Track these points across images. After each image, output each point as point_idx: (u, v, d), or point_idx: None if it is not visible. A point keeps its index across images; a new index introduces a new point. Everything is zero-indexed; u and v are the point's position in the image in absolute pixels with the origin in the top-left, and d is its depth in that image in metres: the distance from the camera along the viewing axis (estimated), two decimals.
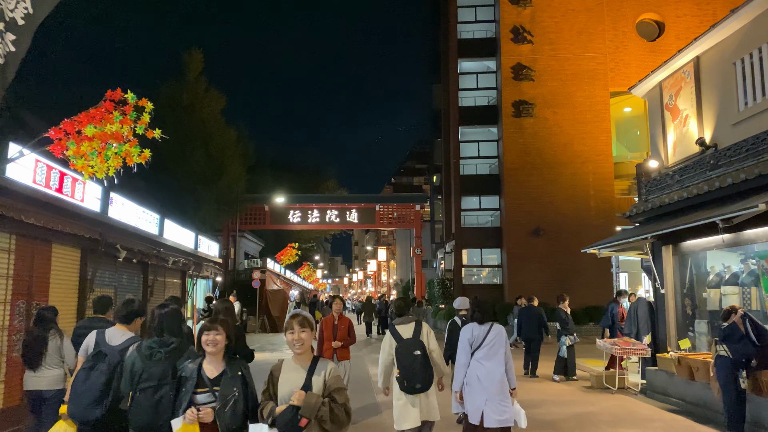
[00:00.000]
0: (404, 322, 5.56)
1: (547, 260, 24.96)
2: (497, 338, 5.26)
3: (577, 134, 25.77)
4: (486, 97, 28.50)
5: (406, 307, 5.98)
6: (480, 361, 5.18)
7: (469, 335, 5.34)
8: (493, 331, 5.30)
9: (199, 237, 14.53)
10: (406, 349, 5.31)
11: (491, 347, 5.19)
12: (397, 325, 5.54)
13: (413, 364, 5.23)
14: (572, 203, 25.41)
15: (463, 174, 27.86)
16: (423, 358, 5.26)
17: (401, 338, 5.39)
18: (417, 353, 5.26)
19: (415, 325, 5.50)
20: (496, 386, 5.08)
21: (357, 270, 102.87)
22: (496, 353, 5.19)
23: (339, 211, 30.61)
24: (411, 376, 5.21)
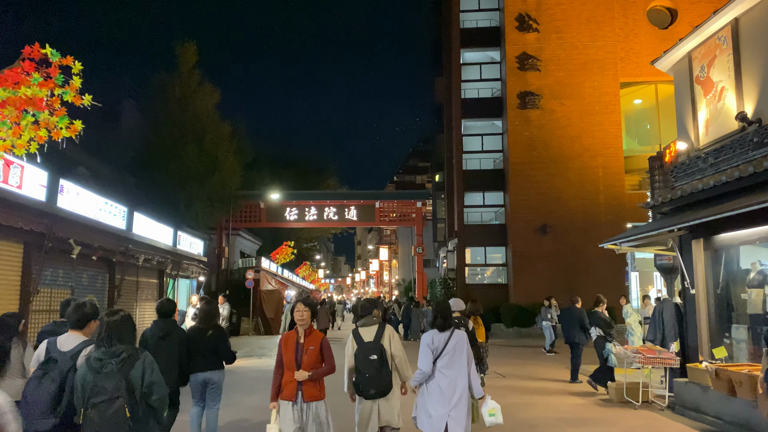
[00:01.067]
0: (367, 324, 5.35)
1: (554, 259, 23.78)
2: (458, 345, 5.00)
3: (585, 126, 24.56)
4: (490, 89, 27.31)
5: (371, 307, 5.58)
6: (442, 371, 4.96)
7: (429, 343, 5.04)
8: (453, 338, 5.03)
9: (179, 233, 13.38)
10: (364, 353, 5.11)
11: (452, 355, 4.96)
12: (359, 327, 5.35)
13: (368, 369, 5.04)
14: (580, 199, 24.20)
15: (466, 169, 26.66)
16: (380, 363, 5.06)
17: (362, 341, 5.20)
18: (373, 358, 5.06)
19: (378, 327, 5.29)
20: (458, 396, 4.88)
21: (359, 270, 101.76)
22: (458, 361, 4.97)
23: (337, 208, 29.47)
24: (365, 382, 5.04)
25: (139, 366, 3.55)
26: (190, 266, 13.77)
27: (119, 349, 3.51)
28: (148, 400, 3.56)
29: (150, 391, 3.56)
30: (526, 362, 14.72)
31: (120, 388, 3.40)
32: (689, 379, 7.92)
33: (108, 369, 3.43)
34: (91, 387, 3.41)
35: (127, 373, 3.47)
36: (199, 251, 15.09)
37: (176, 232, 13.17)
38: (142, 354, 3.65)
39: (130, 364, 3.51)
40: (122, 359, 3.49)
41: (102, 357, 3.48)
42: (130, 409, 3.40)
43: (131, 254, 10.33)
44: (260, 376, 12.03)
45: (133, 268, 11.00)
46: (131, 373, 3.48)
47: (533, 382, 11.41)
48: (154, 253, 11.49)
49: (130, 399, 3.44)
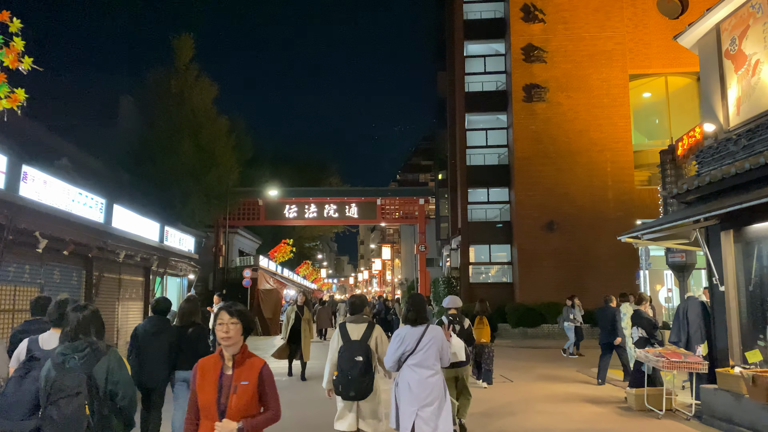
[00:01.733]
0: (356, 321, 5.17)
1: (561, 256, 22.98)
2: (432, 342, 4.77)
3: (593, 120, 23.75)
4: (494, 82, 26.50)
5: (362, 305, 5.35)
6: (412, 368, 4.73)
7: (399, 339, 4.84)
8: (428, 334, 4.79)
9: (166, 228, 12.62)
10: (349, 352, 4.94)
11: (425, 351, 4.72)
12: (348, 323, 5.18)
13: (352, 370, 4.86)
14: (588, 195, 23.40)
15: (469, 165, 25.86)
16: (364, 366, 4.89)
17: (348, 338, 5.04)
18: (359, 359, 4.88)
19: (367, 327, 5.10)
20: (429, 395, 4.66)
21: (362, 269, 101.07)
22: (430, 358, 4.74)
23: (338, 206, 28.73)
24: (347, 383, 4.86)
25: (104, 362, 3.34)
26: (179, 264, 13.03)
27: (83, 344, 3.33)
28: (115, 400, 3.36)
29: (115, 389, 3.35)
30: (536, 365, 13.93)
31: (81, 385, 3.22)
32: (719, 385, 7.14)
33: (70, 364, 3.26)
34: (52, 383, 3.23)
35: (90, 368, 3.28)
36: (190, 248, 14.34)
37: (163, 227, 12.42)
38: (109, 350, 3.43)
39: (93, 359, 3.31)
40: (85, 354, 3.29)
41: (65, 352, 3.31)
42: (91, 407, 3.22)
43: (111, 250, 9.60)
44: None
45: (113, 265, 10.26)
46: (95, 369, 3.29)
47: (544, 386, 10.62)
48: (137, 249, 10.75)
49: (92, 397, 3.25)
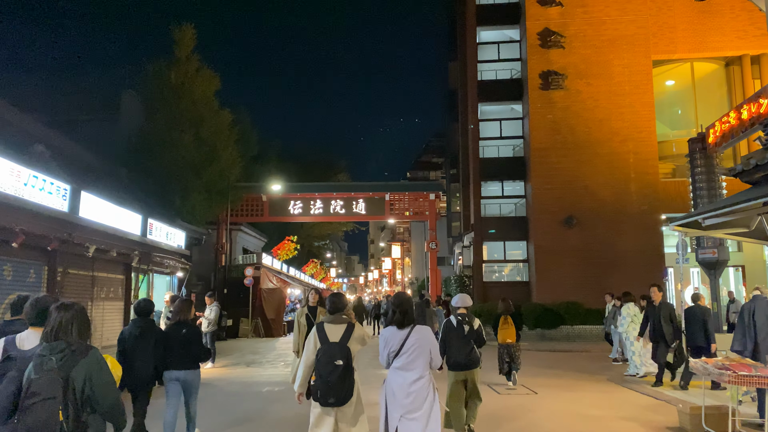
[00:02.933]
0: (335, 321, 4.83)
1: (581, 254, 21.62)
2: (418, 344, 4.57)
3: (614, 108, 22.35)
4: (509, 70, 25.17)
5: (342, 304, 4.98)
6: (397, 371, 4.56)
7: (383, 341, 4.68)
8: (413, 335, 4.59)
9: (150, 221, 11.42)
10: (328, 355, 4.62)
11: (410, 354, 4.52)
12: (326, 323, 4.83)
13: (331, 375, 4.55)
14: (610, 188, 22.01)
15: (483, 157, 24.54)
16: (344, 370, 4.58)
17: (326, 340, 4.71)
18: (338, 363, 4.57)
19: (347, 328, 4.77)
20: (413, 401, 4.45)
21: (372, 269, 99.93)
22: (416, 361, 4.53)
23: (344, 201, 27.47)
24: (325, 389, 4.56)
25: (83, 364, 3.09)
26: (165, 260, 11.84)
27: (61, 345, 3.13)
28: (95, 406, 3.11)
29: (95, 394, 3.09)
30: (560, 372, 12.59)
31: (55, 388, 2.99)
32: None
33: (48, 366, 3.05)
34: (28, 385, 3.04)
35: (68, 371, 3.04)
36: (180, 243, 13.14)
37: (146, 219, 11.22)
38: (89, 351, 3.17)
39: (72, 361, 3.08)
40: (63, 356, 3.07)
41: (43, 353, 3.13)
42: (65, 412, 2.98)
43: (77, 243, 8.42)
44: (239, 391, 10.10)
45: (83, 260, 9.09)
46: (73, 372, 3.04)
47: (575, 399, 9.27)
48: (111, 242, 9.56)
49: (68, 401, 2.99)
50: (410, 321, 4.68)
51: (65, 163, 15.72)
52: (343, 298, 5.17)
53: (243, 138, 27.61)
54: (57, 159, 11.87)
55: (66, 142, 19.37)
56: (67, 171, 11.17)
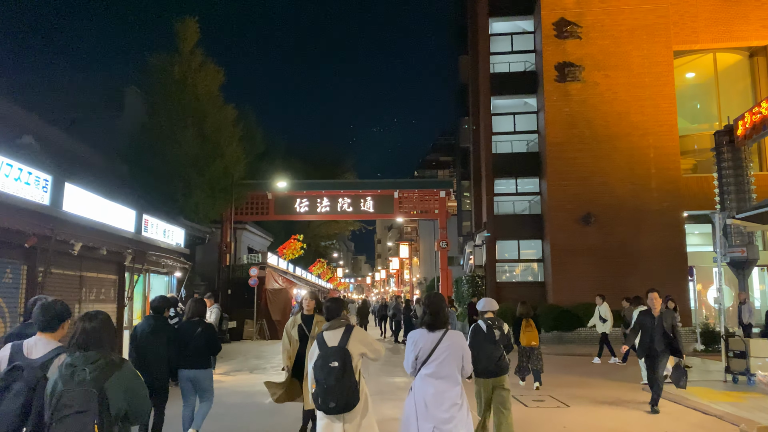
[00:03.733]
0: (332, 327, 4.62)
1: (599, 252, 20.72)
2: (451, 350, 4.15)
3: (634, 101, 21.42)
4: (522, 63, 24.25)
5: (337, 309, 4.85)
6: (427, 379, 4.11)
7: (412, 342, 4.26)
8: (445, 340, 4.17)
9: (145, 217, 10.61)
10: (323, 359, 4.34)
11: (442, 361, 4.11)
12: (324, 332, 4.59)
13: (328, 378, 4.25)
14: (629, 184, 21.08)
15: (496, 153, 23.64)
16: (341, 372, 4.26)
17: (325, 346, 4.45)
18: (334, 365, 4.28)
19: (344, 331, 4.54)
20: (448, 411, 4.02)
21: (380, 269, 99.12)
22: (447, 368, 4.12)
23: (352, 199, 26.67)
24: (324, 393, 4.23)
25: (118, 377, 2.94)
26: (163, 259, 11.04)
27: (95, 355, 2.97)
28: (131, 418, 3.01)
29: (132, 407, 2.98)
30: (588, 379, 11.72)
31: (90, 400, 2.82)
32: None
33: (80, 377, 2.88)
34: (58, 397, 2.86)
35: (102, 383, 2.88)
36: (179, 241, 12.31)
37: (140, 215, 10.39)
38: (123, 364, 3.03)
39: (106, 373, 2.92)
40: (98, 366, 2.91)
41: (75, 363, 2.95)
42: (100, 425, 2.82)
43: (61, 239, 7.62)
44: (240, 403, 9.29)
45: (68, 259, 8.29)
46: (106, 384, 2.89)
47: (613, 415, 8.35)
48: (100, 239, 8.75)
49: (102, 414, 2.83)
50: (442, 323, 4.30)
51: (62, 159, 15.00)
52: (339, 303, 4.99)
53: (248, 135, 26.95)
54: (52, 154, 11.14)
55: (64, 138, 18.77)
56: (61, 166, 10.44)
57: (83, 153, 19.98)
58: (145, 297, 11.35)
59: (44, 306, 3.59)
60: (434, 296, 4.47)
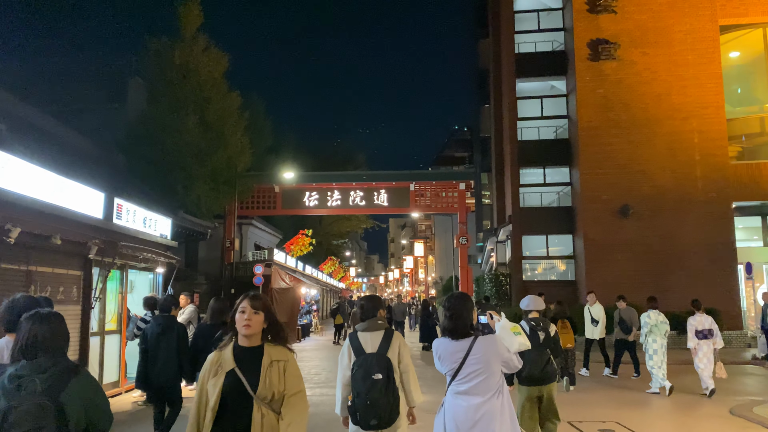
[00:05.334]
0: (370, 328, 4.12)
1: (637, 248, 18.78)
2: (485, 359, 3.55)
3: (675, 81, 19.41)
4: (550, 42, 22.33)
5: (374, 307, 4.22)
6: (459, 397, 3.54)
7: (436, 356, 3.74)
8: (476, 349, 3.56)
9: (117, 202, 8.81)
10: (365, 369, 3.83)
11: (475, 374, 3.51)
12: (359, 332, 4.13)
13: (371, 391, 3.76)
14: (671, 172, 19.08)
15: (521, 140, 21.70)
16: (386, 385, 3.79)
17: (362, 351, 3.99)
18: (378, 377, 3.78)
19: (385, 335, 4.04)
20: (487, 428, 3.43)
21: (392, 268, 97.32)
22: (484, 382, 3.52)
23: (365, 192, 24.85)
24: (365, 409, 3.77)
25: (76, 386, 2.51)
26: (141, 252, 9.27)
27: (47, 362, 2.52)
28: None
29: (94, 420, 2.56)
30: (647, 397, 9.82)
31: (46, 416, 2.37)
32: None
33: (29, 389, 2.43)
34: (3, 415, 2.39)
35: (58, 394, 2.45)
36: (164, 233, 10.52)
37: (111, 199, 8.58)
38: (80, 370, 2.60)
39: (62, 381, 2.49)
40: (51, 375, 2.48)
41: (22, 373, 2.50)
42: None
43: None
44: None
45: (11, 250, 6.50)
46: (63, 394, 2.45)
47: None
48: (52, 224, 7.00)
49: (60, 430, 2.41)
50: (468, 329, 3.67)
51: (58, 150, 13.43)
52: (377, 301, 4.34)
53: (255, 125, 25.39)
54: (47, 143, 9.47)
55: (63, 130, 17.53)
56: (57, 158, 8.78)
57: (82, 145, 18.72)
58: (122, 297, 9.62)
59: (10, 303, 3.34)
60: (457, 297, 3.79)
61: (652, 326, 10.30)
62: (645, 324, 10.46)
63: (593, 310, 12.88)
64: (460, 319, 3.65)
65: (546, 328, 5.76)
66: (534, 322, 5.76)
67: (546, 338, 5.68)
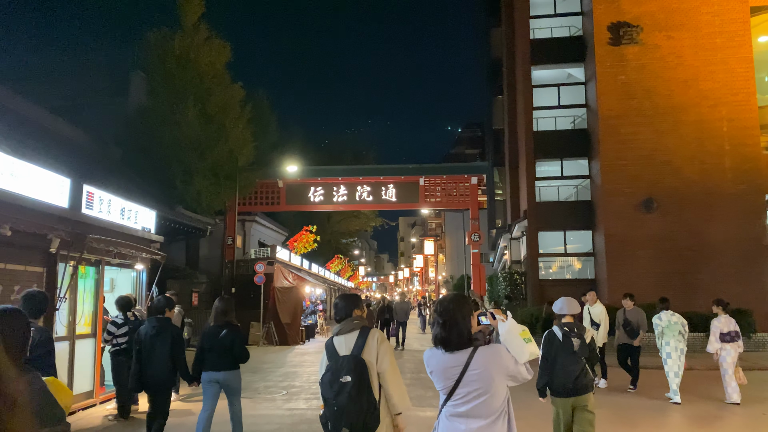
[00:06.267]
0: (344, 330, 3.56)
1: (663, 244, 17.58)
2: (485, 375, 2.88)
3: (702, 66, 18.18)
4: (567, 28, 21.14)
5: (347, 306, 3.64)
6: (457, 419, 2.90)
7: (428, 369, 3.07)
8: (475, 363, 2.89)
9: (87, 189, 7.76)
10: (333, 372, 3.38)
11: (473, 394, 2.87)
12: (335, 337, 3.57)
13: (338, 396, 3.29)
14: (699, 163, 17.86)
15: (537, 130, 20.53)
16: (357, 388, 3.28)
17: (336, 355, 3.47)
18: (346, 380, 3.31)
19: (359, 334, 3.50)
20: None
21: (402, 267, 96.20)
22: (486, 405, 2.86)
23: (372, 187, 23.81)
24: (334, 416, 3.30)
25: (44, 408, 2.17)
26: (117, 247, 8.23)
27: None
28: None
29: None
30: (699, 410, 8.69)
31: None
32: None
33: None
34: None
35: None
36: (147, 226, 9.46)
37: (79, 185, 7.54)
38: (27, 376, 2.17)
39: None
40: None
41: None
42: None
43: None
44: None
45: None
46: None
47: None
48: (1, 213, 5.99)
49: None
50: (462, 338, 2.91)
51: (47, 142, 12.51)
52: (352, 300, 3.69)
53: (259, 119, 24.37)
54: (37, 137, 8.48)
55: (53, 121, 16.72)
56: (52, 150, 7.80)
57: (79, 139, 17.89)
58: (98, 297, 8.60)
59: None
60: (451, 300, 3.06)
61: (663, 328, 9.42)
62: (656, 326, 9.58)
63: (593, 310, 10.74)
64: (455, 326, 2.94)
65: (581, 335, 5.29)
66: (567, 327, 5.29)
67: (581, 346, 5.23)
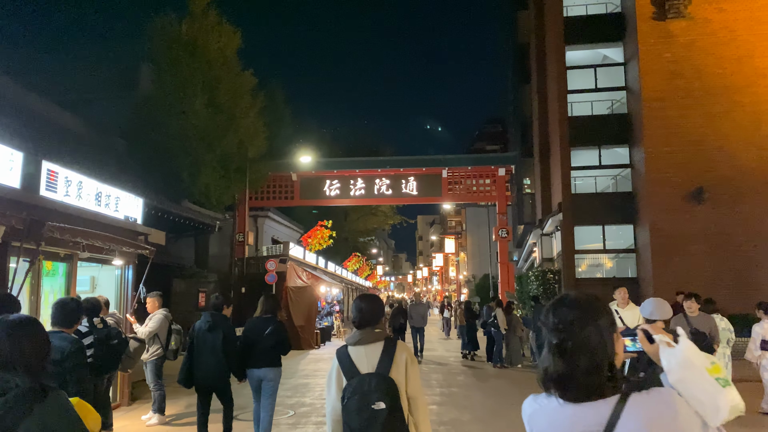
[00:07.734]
0: (364, 341, 2.90)
1: (715, 238, 15.86)
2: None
3: (759, 41, 16.40)
4: (604, 4, 19.43)
5: (373, 311, 2.96)
6: None
7: None
8: (628, 419, 1.46)
9: (47, 167, 6.32)
10: (361, 395, 2.69)
11: None
12: (350, 346, 2.92)
13: (370, 427, 2.64)
14: (755, 148, 16.11)
15: (572, 116, 18.84)
16: (389, 418, 2.65)
17: (355, 371, 2.81)
18: (380, 407, 2.67)
19: (385, 347, 2.86)
20: None
21: (421, 266, 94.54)
22: None
23: (391, 180, 22.31)
24: None
25: (39, 415, 1.87)
26: (91, 238, 6.80)
27: (12, 381, 1.89)
28: None
29: None
30: None
31: None
32: None
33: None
34: None
35: (16, 425, 1.83)
36: (131, 215, 8.04)
37: (37, 161, 6.12)
38: (51, 393, 1.93)
39: (22, 408, 1.86)
40: (14, 397, 1.85)
41: None
42: None
43: None
44: None
45: None
46: (21, 426, 1.84)
47: None
48: None
49: None
50: (599, 377, 1.52)
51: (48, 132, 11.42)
52: (378, 304, 3.00)
53: (274, 111, 23.10)
54: None
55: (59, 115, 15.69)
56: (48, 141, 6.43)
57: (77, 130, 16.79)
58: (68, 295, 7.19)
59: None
60: (575, 303, 1.61)
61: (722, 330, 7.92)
62: None
63: (626, 315, 7.40)
64: (584, 353, 1.55)
65: None
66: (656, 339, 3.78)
67: None
